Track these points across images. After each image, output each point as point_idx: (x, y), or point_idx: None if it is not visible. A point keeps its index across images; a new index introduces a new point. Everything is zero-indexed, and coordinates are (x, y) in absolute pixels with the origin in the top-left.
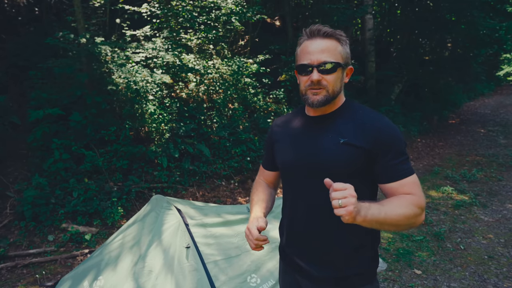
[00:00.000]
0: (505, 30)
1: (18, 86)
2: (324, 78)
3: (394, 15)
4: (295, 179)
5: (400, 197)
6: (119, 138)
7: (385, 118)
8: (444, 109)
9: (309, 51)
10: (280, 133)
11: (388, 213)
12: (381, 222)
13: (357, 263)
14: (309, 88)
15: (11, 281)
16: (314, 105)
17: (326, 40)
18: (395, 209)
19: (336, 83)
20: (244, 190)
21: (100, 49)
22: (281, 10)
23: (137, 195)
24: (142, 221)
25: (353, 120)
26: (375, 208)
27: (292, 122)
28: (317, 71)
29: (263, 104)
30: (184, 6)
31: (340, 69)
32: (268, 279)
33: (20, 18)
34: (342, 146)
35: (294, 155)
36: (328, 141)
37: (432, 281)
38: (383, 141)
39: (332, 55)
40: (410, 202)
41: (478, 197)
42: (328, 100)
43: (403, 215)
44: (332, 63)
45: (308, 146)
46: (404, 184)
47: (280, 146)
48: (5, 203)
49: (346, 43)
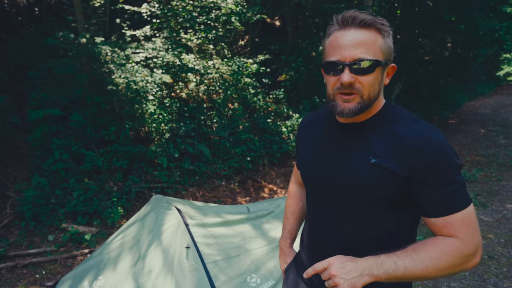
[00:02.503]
0: (505, 30)
1: (18, 86)
2: (358, 80)
3: (394, 15)
4: (314, 192)
5: (435, 243)
6: (119, 138)
7: (433, 132)
8: (444, 109)
9: (340, 45)
10: (305, 135)
11: (409, 268)
12: (400, 278)
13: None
14: (338, 93)
15: (11, 281)
16: (345, 114)
17: (363, 31)
18: (421, 261)
19: (374, 87)
20: (244, 190)
21: (100, 49)
22: (281, 10)
23: (137, 195)
24: (142, 221)
25: (391, 134)
26: (390, 263)
27: (319, 124)
28: (349, 71)
29: (263, 104)
30: (184, 6)
31: (380, 68)
32: (268, 279)
33: (20, 18)
34: (374, 168)
35: (314, 166)
36: (355, 159)
37: (432, 281)
38: (427, 165)
39: (370, 51)
40: (448, 250)
41: (478, 197)
42: (363, 109)
43: (434, 268)
44: (369, 60)
45: (331, 161)
46: (449, 222)
47: (303, 152)
48: (5, 203)
49: (389, 34)
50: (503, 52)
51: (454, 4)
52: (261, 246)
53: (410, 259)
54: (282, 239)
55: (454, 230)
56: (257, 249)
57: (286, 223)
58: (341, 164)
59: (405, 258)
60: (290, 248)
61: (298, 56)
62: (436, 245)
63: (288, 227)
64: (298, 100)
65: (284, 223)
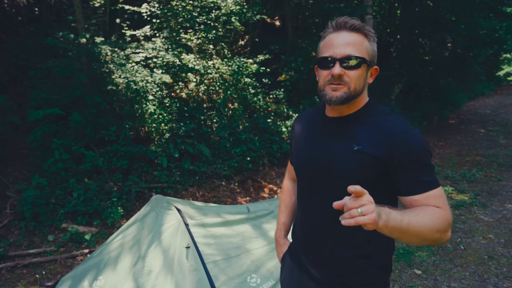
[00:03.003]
0: (505, 30)
1: (18, 86)
2: (347, 74)
3: (394, 15)
4: (305, 182)
5: (426, 208)
6: (119, 138)
7: (409, 126)
8: (444, 109)
9: (333, 44)
10: (298, 131)
11: (412, 222)
12: (403, 230)
13: (367, 272)
14: (328, 83)
15: (11, 281)
16: (333, 101)
17: (353, 34)
18: (421, 218)
19: (359, 81)
20: (244, 190)
21: (100, 49)
22: (281, 10)
23: (137, 195)
24: (142, 221)
25: (372, 126)
26: (396, 214)
27: (311, 120)
28: (340, 65)
29: (263, 104)
30: (184, 6)
31: (365, 66)
32: (268, 279)
33: (20, 18)
34: (355, 154)
35: (304, 158)
36: (340, 147)
37: (432, 281)
38: (404, 152)
39: (357, 50)
40: (438, 214)
41: (478, 197)
42: (348, 99)
43: (430, 226)
44: (357, 58)
45: (319, 150)
46: (429, 197)
47: (296, 146)
48: (5, 203)
49: (374, 40)
50: (503, 52)
51: (454, 4)
52: (261, 246)
53: (412, 215)
54: (277, 231)
55: (436, 202)
56: (257, 249)
57: (280, 216)
58: (328, 153)
59: (407, 213)
60: (285, 239)
61: (298, 56)
62: (430, 209)
63: (282, 220)
64: (298, 100)
65: (279, 216)
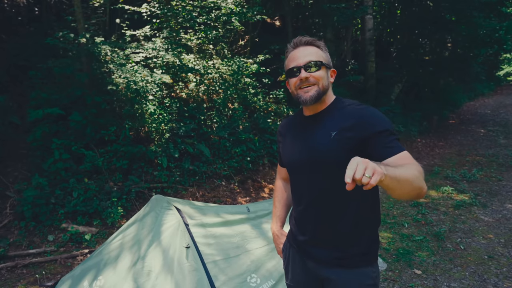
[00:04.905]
0: (505, 30)
1: (18, 86)
2: (312, 75)
3: (394, 15)
4: (300, 175)
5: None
6: (119, 138)
7: (370, 107)
8: (444, 109)
9: (295, 57)
10: (283, 134)
11: (401, 172)
12: (398, 179)
13: (359, 243)
14: (299, 87)
15: (11, 281)
16: (308, 101)
17: (308, 47)
18: (403, 170)
19: (324, 79)
20: (244, 190)
21: (100, 49)
22: (281, 10)
23: (137, 195)
24: (142, 221)
25: (342, 114)
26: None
27: (292, 123)
28: (304, 70)
29: (263, 104)
30: (184, 6)
31: (324, 67)
32: (268, 279)
33: (20, 18)
34: (334, 138)
35: (295, 153)
36: (321, 136)
37: (432, 281)
38: (372, 126)
39: (315, 56)
40: (413, 166)
41: (478, 197)
42: (320, 95)
43: (413, 174)
44: (316, 61)
45: (306, 143)
46: (400, 157)
47: (284, 147)
48: (5, 203)
49: (325, 49)
50: (503, 52)
51: (454, 4)
52: (261, 246)
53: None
54: (273, 225)
55: (406, 160)
56: (257, 249)
57: (275, 210)
58: (312, 144)
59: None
60: (282, 230)
61: None
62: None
63: (277, 214)
64: None
65: (274, 211)
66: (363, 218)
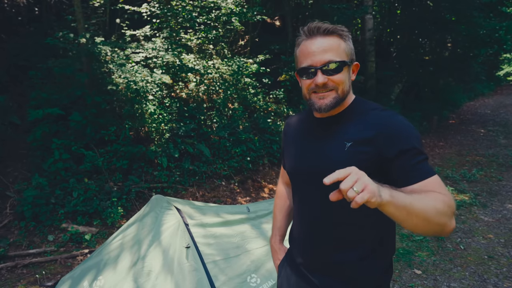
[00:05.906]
0: (505, 30)
1: (18, 86)
2: (331, 79)
3: (394, 15)
4: (299, 186)
5: (427, 193)
6: (119, 138)
7: (397, 115)
8: (444, 109)
9: (310, 52)
10: (289, 135)
11: (414, 201)
12: (408, 209)
13: (369, 274)
14: (313, 92)
15: (11, 281)
16: (322, 109)
17: (328, 38)
18: (423, 200)
19: (345, 83)
20: (244, 190)
21: (100, 49)
22: (281, 10)
23: (137, 195)
24: (142, 221)
25: (363, 121)
26: (399, 193)
27: (301, 123)
28: (322, 73)
29: (263, 104)
30: (184, 6)
31: (347, 67)
32: (268, 279)
33: (20, 18)
34: (349, 151)
35: (297, 161)
36: (333, 147)
37: (432, 281)
38: (397, 142)
39: (336, 54)
40: (440, 197)
41: (478, 197)
42: (338, 102)
43: (434, 207)
44: (337, 62)
45: (311, 152)
46: (428, 184)
47: (288, 150)
48: (5, 203)
49: (349, 38)
50: (503, 52)
51: (454, 4)
52: (261, 246)
53: (414, 197)
54: (272, 237)
55: (435, 189)
56: (257, 249)
57: (274, 221)
58: (321, 154)
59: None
60: (280, 245)
61: None
62: (430, 194)
63: (277, 225)
64: (298, 100)
65: (273, 222)
66: (376, 245)
